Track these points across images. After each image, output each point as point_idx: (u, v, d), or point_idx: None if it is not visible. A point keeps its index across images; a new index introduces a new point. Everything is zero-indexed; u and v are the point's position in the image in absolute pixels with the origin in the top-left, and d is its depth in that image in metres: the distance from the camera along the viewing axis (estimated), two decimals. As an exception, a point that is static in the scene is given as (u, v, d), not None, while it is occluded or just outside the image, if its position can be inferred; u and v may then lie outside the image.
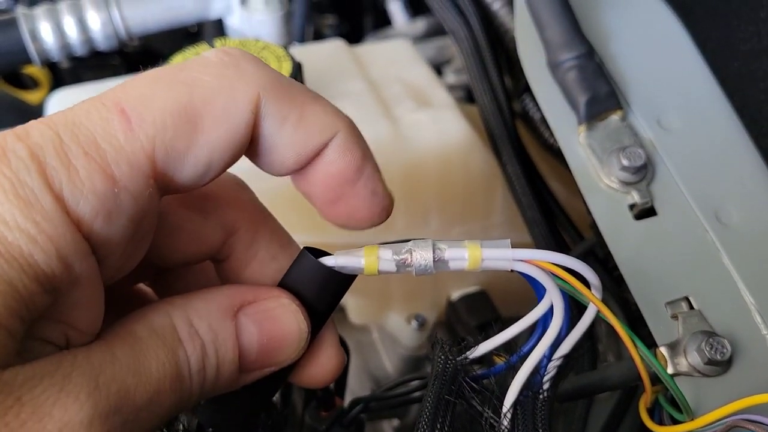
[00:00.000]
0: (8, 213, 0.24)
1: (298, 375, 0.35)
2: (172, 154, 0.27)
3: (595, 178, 0.46)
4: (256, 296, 0.32)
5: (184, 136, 0.28)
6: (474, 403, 0.34)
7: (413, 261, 0.31)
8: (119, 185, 0.26)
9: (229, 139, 0.28)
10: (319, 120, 0.30)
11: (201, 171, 0.29)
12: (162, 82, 0.28)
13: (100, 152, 0.26)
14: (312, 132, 0.30)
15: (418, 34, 1.00)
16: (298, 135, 0.30)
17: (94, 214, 0.26)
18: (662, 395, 0.38)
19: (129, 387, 0.27)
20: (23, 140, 0.26)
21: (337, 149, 0.30)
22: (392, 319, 0.67)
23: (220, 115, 0.28)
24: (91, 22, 0.67)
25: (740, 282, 0.42)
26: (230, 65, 0.29)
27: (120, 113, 0.27)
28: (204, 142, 0.28)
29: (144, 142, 0.27)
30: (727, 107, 0.49)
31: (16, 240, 0.24)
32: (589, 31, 0.51)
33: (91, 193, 0.26)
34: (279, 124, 0.29)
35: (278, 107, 0.29)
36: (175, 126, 0.27)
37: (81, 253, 0.26)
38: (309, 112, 0.30)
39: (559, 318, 0.32)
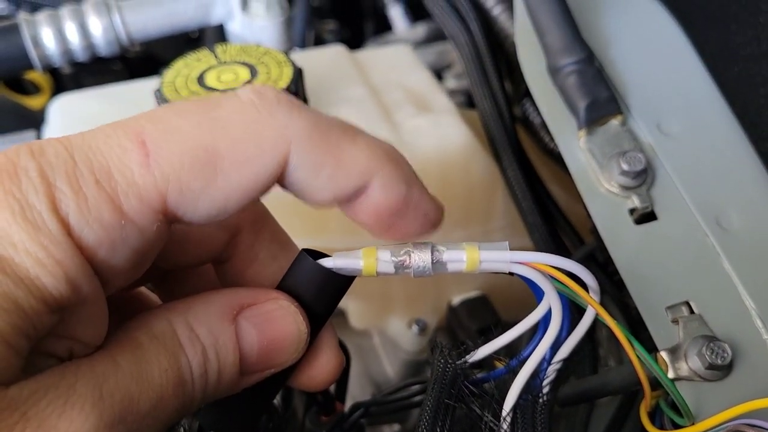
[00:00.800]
0: (16, 235, 0.24)
1: (297, 378, 0.35)
2: (185, 194, 0.27)
3: (595, 183, 0.46)
4: (255, 299, 0.32)
5: (201, 177, 0.27)
6: (474, 407, 0.34)
7: (411, 262, 0.31)
8: (126, 218, 0.26)
9: (249, 187, 0.28)
10: (359, 164, 0.29)
11: (214, 212, 0.28)
12: (188, 117, 0.27)
13: (111, 183, 0.26)
14: (350, 177, 0.29)
15: (418, 39, 1.00)
16: (334, 182, 0.29)
17: (97, 243, 0.26)
18: (663, 400, 0.38)
19: (133, 395, 0.27)
20: (36, 158, 0.26)
21: (380, 188, 0.30)
22: (393, 323, 0.67)
23: (242, 162, 0.27)
24: (93, 27, 0.67)
25: (741, 286, 0.42)
26: (263, 110, 0.28)
27: (140, 145, 0.26)
28: (221, 186, 0.27)
29: (158, 178, 0.26)
30: (727, 112, 0.49)
31: (23, 262, 0.24)
32: (588, 36, 0.51)
33: (96, 222, 0.26)
34: (313, 174, 0.29)
35: (313, 155, 0.28)
36: (193, 166, 0.27)
37: (87, 275, 0.26)
38: (347, 157, 0.29)
39: (557, 321, 0.32)
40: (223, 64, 0.58)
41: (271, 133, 0.28)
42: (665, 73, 0.52)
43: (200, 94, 0.55)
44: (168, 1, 0.70)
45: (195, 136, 0.27)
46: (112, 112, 0.63)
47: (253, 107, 0.28)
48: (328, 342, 0.35)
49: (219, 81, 0.56)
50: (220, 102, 0.28)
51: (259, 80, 0.56)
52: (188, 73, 0.57)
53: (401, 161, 0.31)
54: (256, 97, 0.28)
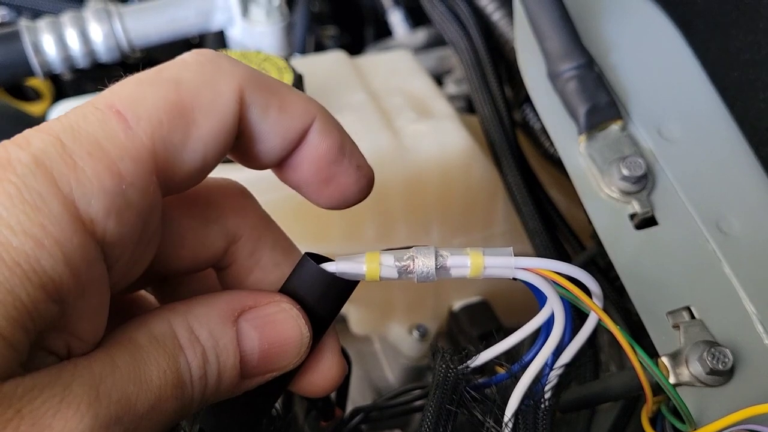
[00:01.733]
0: (13, 218, 0.24)
1: (298, 383, 0.35)
2: (170, 149, 0.28)
3: (595, 188, 0.46)
4: (257, 301, 0.32)
5: (179, 130, 0.28)
6: (475, 413, 0.34)
7: (415, 268, 0.31)
8: (127, 181, 0.27)
9: (220, 130, 0.29)
10: (299, 106, 0.31)
11: (198, 164, 0.29)
12: (147, 82, 0.29)
13: (104, 151, 0.26)
14: (294, 117, 0.31)
15: (418, 44, 1.00)
16: (281, 121, 0.31)
17: (105, 213, 0.26)
18: (665, 405, 0.38)
19: (130, 396, 0.26)
20: (24, 148, 0.26)
21: (318, 132, 0.32)
22: (394, 329, 0.67)
23: (208, 108, 0.29)
24: (94, 34, 0.67)
25: (742, 291, 0.42)
26: (208, 63, 0.30)
27: (116, 114, 0.27)
28: (197, 135, 0.29)
29: (144, 138, 0.27)
30: (727, 117, 0.50)
31: (21, 245, 0.24)
32: (588, 42, 0.51)
33: (100, 191, 0.26)
34: (263, 113, 0.30)
35: (260, 97, 0.30)
36: (170, 121, 0.28)
37: (89, 258, 0.26)
38: (288, 100, 0.31)
39: (560, 326, 0.32)
40: (224, 70, 0.58)
41: (222, 77, 0.29)
42: (665, 78, 0.52)
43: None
44: (169, 8, 0.70)
45: (160, 96, 0.28)
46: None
47: (199, 62, 0.30)
48: (331, 349, 0.34)
49: (220, 87, 0.56)
50: (170, 65, 0.30)
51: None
52: (189, 80, 0.57)
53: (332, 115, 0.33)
54: (197, 55, 0.30)
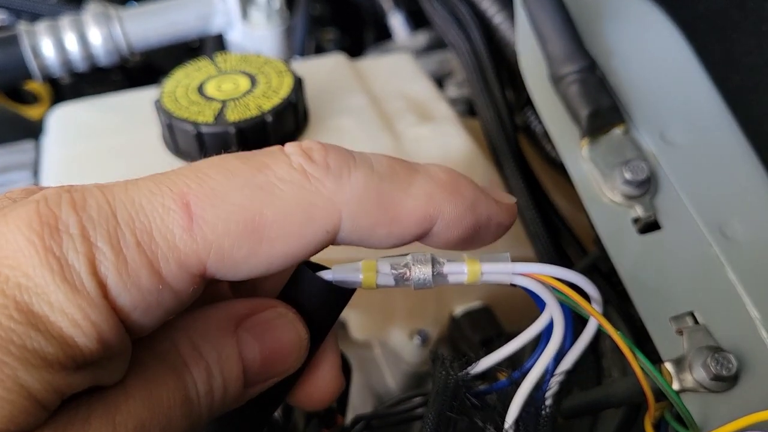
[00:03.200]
0: (53, 295, 0.24)
1: (296, 395, 0.34)
2: (227, 261, 0.27)
3: (598, 192, 0.46)
4: (254, 309, 0.32)
5: (245, 246, 0.27)
6: (476, 420, 0.33)
7: (412, 275, 0.31)
8: (164, 282, 0.26)
9: (295, 255, 0.28)
10: (415, 215, 0.29)
11: (255, 275, 0.28)
12: (236, 180, 0.27)
13: (152, 246, 0.26)
14: (408, 229, 0.29)
15: (419, 47, 1.00)
16: (392, 237, 0.29)
17: (133, 307, 0.26)
18: (668, 411, 0.37)
19: (144, 422, 0.27)
20: (78, 212, 0.25)
21: (445, 227, 0.30)
22: (394, 335, 0.67)
23: (290, 234, 0.27)
24: (93, 38, 0.67)
25: (745, 296, 0.41)
26: (313, 178, 0.28)
27: (184, 207, 0.26)
28: (265, 254, 0.27)
29: (200, 244, 0.26)
30: (730, 120, 0.49)
31: (58, 322, 0.24)
32: (591, 45, 0.51)
33: (135, 287, 0.26)
34: (368, 234, 0.28)
35: (365, 221, 0.28)
36: (238, 235, 0.26)
37: (119, 335, 0.26)
38: (402, 211, 0.29)
39: (559, 332, 0.32)
40: (224, 74, 0.58)
41: (321, 204, 0.27)
42: (668, 82, 0.51)
43: (200, 103, 0.55)
44: (168, 11, 0.70)
45: (241, 203, 0.26)
46: (111, 122, 0.64)
47: (302, 174, 0.28)
48: (329, 362, 0.34)
49: (219, 90, 0.56)
50: (268, 164, 0.28)
51: (259, 90, 0.56)
52: (188, 83, 0.57)
53: (462, 189, 0.30)
54: (305, 161, 0.28)
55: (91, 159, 0.60)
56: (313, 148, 0.29)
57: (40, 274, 0.24)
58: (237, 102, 0.55)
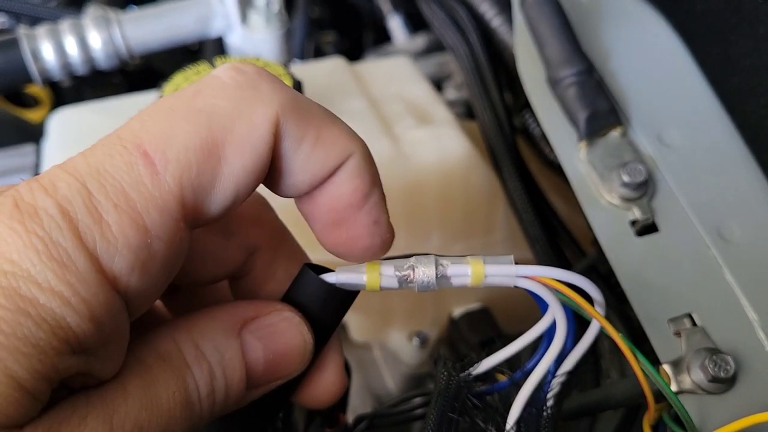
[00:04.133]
0: (41, 275, 0.24)
1: (300, 394, 0.34)
2: (198, 191, 0.27)
3: (596, 195, 0.46)
4: (259, 311, 0.32)
5: (209, 170, 0.27)
6: (477, 421, 0.33)
7: (416, 277, 0.31)
8: (151, 234, 0.26)
9: (253, 165, 0.28)
10: (336, 141, 0.29)
11: (229, 201, 0.28)
12: (179, 113, 0.27)
13: (129, 203, 0.26)
14: (329, 153, 0.29)
15: (418, 50, 1.00)
16: (315, 155, 0.29)
17: (129, 269, 0.26)
18: (666, 413, 0.38)
19: (143, 423, 0.27)
20: (51, 195, 0.25)
21: (348, 172, 0.30)
22: (394, 336, 0.67)
23: (241, 142, 0.27)
24: (93, 41, 0.67)
25: (743, 298, 0.41)
26: (246, 86, 0.28)
27: (143, 156, 0.26)
28: (229, 172, 0.27)
29: (171, 184, 0.26)
30: (728, 123, 0.49)
31: (48, 302, 0.24)
32: (588, 48, 0.51)
33: (125, 248, 0.25)
34: (296, 145, 0.29)
35: (296, 127, 0.28)
36: (199, 161, 0.27)
37: (113, 312, 0.26)
38: (326, 132, 0.29)
39: (562, 334, 0.32)
40: (223, 77, 0.58)
41: (260, 107, 0.28)
42: (665, 85, 0.52)
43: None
44: (168, 15, 0.70)
45: (192, 132, 0.27)
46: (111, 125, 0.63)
47: (236, 85, 0.28)
48: (333, 361, 0.34)
49: (219, 94, 0.56)
50: (203, 89, 0.28)
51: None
52: (188, 86, 0.57)
53: (372, 157, 0.31)
54: (236, 74, 0.28)
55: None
56: (244, 64, 0.29)
57: (26, 256, 0.24)
58: (237, 105, 0.55)
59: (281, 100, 0.28)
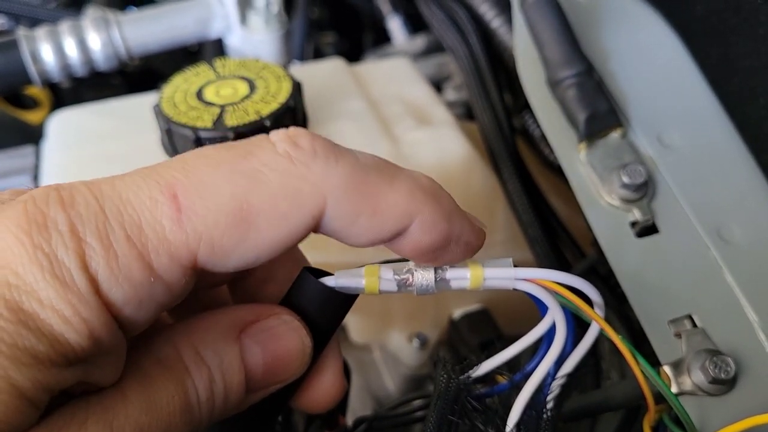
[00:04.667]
0: (43, 292, 0.24)
1: (299, 399, 0.34)
2: (217, 251, 0.27)
3: (595, 196, 0.46)
4: (258, 315, 0.32)
5: (234, 234, 0.26)
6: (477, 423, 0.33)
7: (414, 281, 0.31)
8: (155, 275, 0.26)
9: (283, 241, 0.27)
10: (397, 209, 0.28)
11: (244, 265, 0.28)
12: (222, 170, 0.27)
13: (142, 239, 0.25)
14: (388, 223, 0.28)
15: (417, 51, 1.00)
16: (371, 229, 0.28)
17: (125, 301, 0.26)
18: (667, 414, 0.38)
19: (143, 426, 0.27)
20: (66, 209, 0.25)
21: (419, 229, 0.29)
22: (393, 338, 0.67)
23: (277, 219, 0.27)
24: (92, 43, 0.67)
25: (743, 299, 0.41)
26: (299, 163, 0.27)
27: (172, 198, 0.26)
28: (254, 242, 0.27)
29: (190, 235, 0.26)
30: (728, 124, 0.49)
31: (49, 319, 0.24)
32: (588, 49, 0.51)
33: (126, 281, 0.25)
34: (350, 223, 0.28)
35: (350, 206, 0.28)
36: (227, 224, 0.26)
37: (111, 331, 0.26)
38: (384, 203, 0.28)
39: (562, 336, 0.32)
40: (222, 79, 0.58)
41: (307, 189, 0.27)
42: (665, 86, 0.52)
43: (199, 108, 0.55)
44: (167, 16, 0.70)
45: (229, 192, 0.26)
46: (111, 127, 0.64)
47: (288, 159, 0.27)
48: (332, 365, 0.34)
49: (218, 96, 0.56)
50: (254, 152, 0.27)
51: (258, 95, 0.56)
52: (187, 88, 0.57)
53: (442, 197, 0.30)
54: (290, 147, 0.28)
55: (90, 164, 0.60)
56: (300, 135, 0.28)
57: (30, 271, 0.24)
58: (236, 107, 0.55)
59: (334, 181, 0.27)
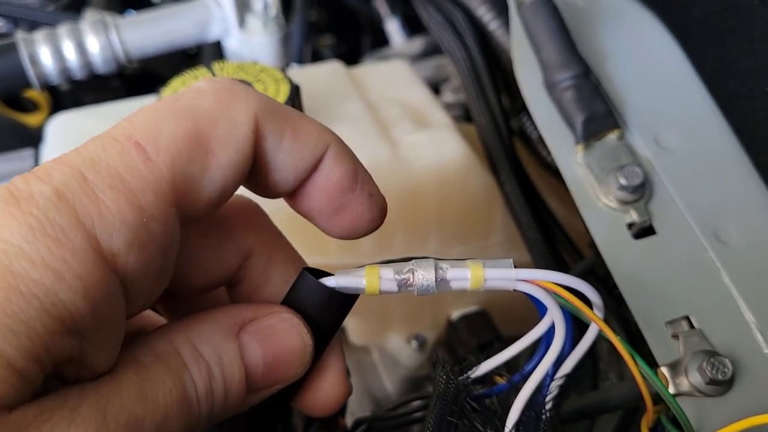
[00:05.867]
0: (35, 251, 0.24)
1: (302, 400, 0.34)
2: (189, 180, 0.28)
3: (593, 198, 0.46)
4: (257, 314, 0.32)
5: (198, 160, 0.28)
6: (476, 424, 0.33)
7: (415, 281, 0.31)
8: (148, 214, 0.26)
9: (238, 159, 0.29)
10: (312, 134, 0.31)
11: (217, 194, 0.29)
12: (164, 112, 0.28)
13: (125, 184, 0.26)
14: (308, 145, 0.31)
15: (415, 53, 1.00)
16: (295, 150, 0.30)
17: (127, 247, 0.26)
18: (664, 415, 0.38)
19: (137, 417, 0.26)
20: (46, 182, 0.25)
21: (332, 160, 0.31)
22: (392, 339, 0.67)
23: (225, 137, 0.29)
24: (90, 46, 0.67)
25: (740, 300, 0.42)
26: (223, 91, 0.30)
27: (135, 145, 0.27)
28: (216, 164, 0.28)
29: (164, 169, 0.27)
30: (725, 125, 0.50)
31: (41, 278, 0.24)
32: (585, 51, 0.51)
33: (122, 225, 0.26)
34: (277, 141, 0.30)
35: (274, 125, 0.30)
36: (188, 151, 0.28)
37: (109, 292, 0.26)
38: (301, 128, 0.31)
39: (561, 337, 0.32)
40: (221, 82, 0.58)
41: (238, 106, 0.29)
42: (662, 88, 0.52)
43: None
44: (165, 19, 0.70)
45: (178, 126, 0.28)
46: (110, 129, 0.64)
47: (215, 91, 0.30)
48: (334, 367, 0.34)
49: (217, 98, 0.56)
50: (186, 94, 0.30)
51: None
52: (186, 91, 0.57)
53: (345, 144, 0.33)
54: (213, 83, 0.30)
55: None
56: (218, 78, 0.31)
57: (20, 235, 0.24)
58: (235, 109, 0.55)
59: (257, 101, 0.30)
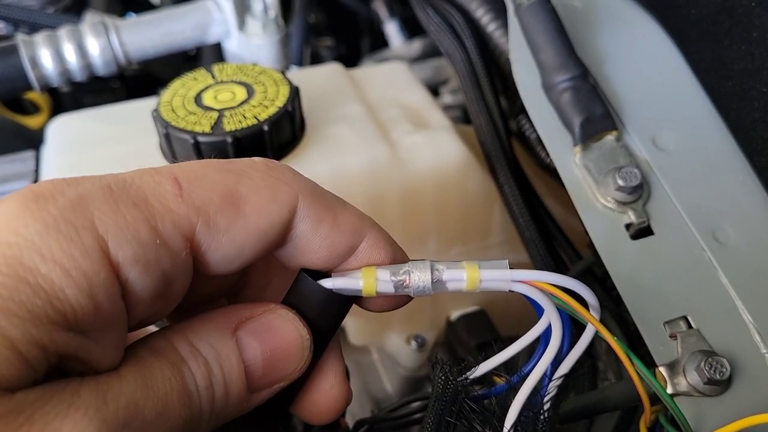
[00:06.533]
0: (46, 246, 0.25)
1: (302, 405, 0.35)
2: (212, 229, 0.29)
3: (591, 198, 0.47)
4: (253, 312, 0.32)
5: (227, 214, 0.29)
6: (475, 424, 0.34)
7: (411, 282, 0.32)
8: (161, 238, 0.27)
9: (266, 229, 0.30)
10: (352, 223, 0.32)
11: (233, 254, 0.30)
12: (213, 166, 0.30)
13: (148, 206, 0.27)
14: (345, 233, 0.32)
15: (414, 55, 1.01)
16: (332, 236, 0.32)
17: (132, 261, 0.27)
18: (663, 415, 0.38)
19: (138, 401, 0.27)
20: (73, 186, 0.27)
21: (368, 248, 0.33)
22: (391, 339, 0.67)
23: (260, 206, 0.30)
24: (91, 48, 0.67)
25: (738, 301, 0.42)
26: (274, 170, 0.31)
27: (173, 181, 0.29)
28: (242, 225, 0.30)
29: (190, 208, 0.28)
30: (722, 126, 0.50)
31: (49, 272, 0.25)
32: (583, 53, 0.51)
33: (134, 240, 0.27)
34: (315, 226, 0.31)
35: (314, 210, 0.31)
36: (221, 203, 0.29)
37: (112, 294, 0.27)
38: (342, 216, 0.32)
39: (557, 338, 0.32)
40: (220, 84, 0.59)
41: (283, 186, 0.31)
42: (660, 89, 0.52)
43: (197, 113, 0.55)
44: (165, 22, 0.70)
45: (221, 180, 0.30)
46: (110, 132, 0.64)
47: (267, 168, 0.31)
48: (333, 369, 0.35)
49: (216, 100, 0.57)
50: (236, 161, 0.31)
51: (256, 99, 0.56)
52: (185, 93, 0.58)
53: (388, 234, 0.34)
54: (268, 162, 0.32)
55: (90, 168, 0.60)
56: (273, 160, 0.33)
57: (33, 229, 0.25)
58: (234, 112, 0.55)
59: (302, 186, 0.31)
